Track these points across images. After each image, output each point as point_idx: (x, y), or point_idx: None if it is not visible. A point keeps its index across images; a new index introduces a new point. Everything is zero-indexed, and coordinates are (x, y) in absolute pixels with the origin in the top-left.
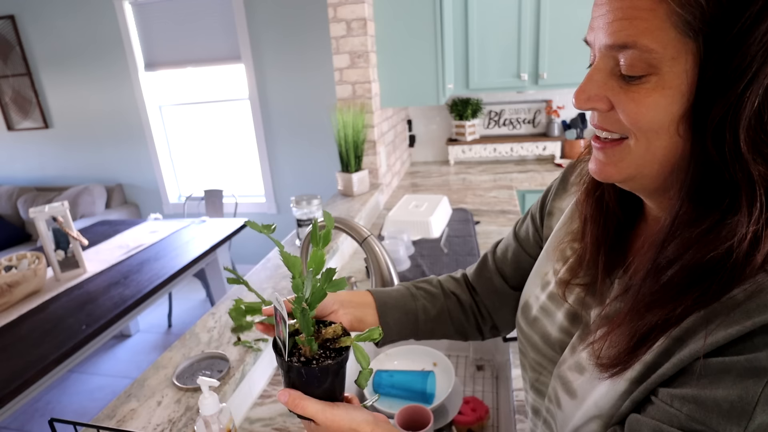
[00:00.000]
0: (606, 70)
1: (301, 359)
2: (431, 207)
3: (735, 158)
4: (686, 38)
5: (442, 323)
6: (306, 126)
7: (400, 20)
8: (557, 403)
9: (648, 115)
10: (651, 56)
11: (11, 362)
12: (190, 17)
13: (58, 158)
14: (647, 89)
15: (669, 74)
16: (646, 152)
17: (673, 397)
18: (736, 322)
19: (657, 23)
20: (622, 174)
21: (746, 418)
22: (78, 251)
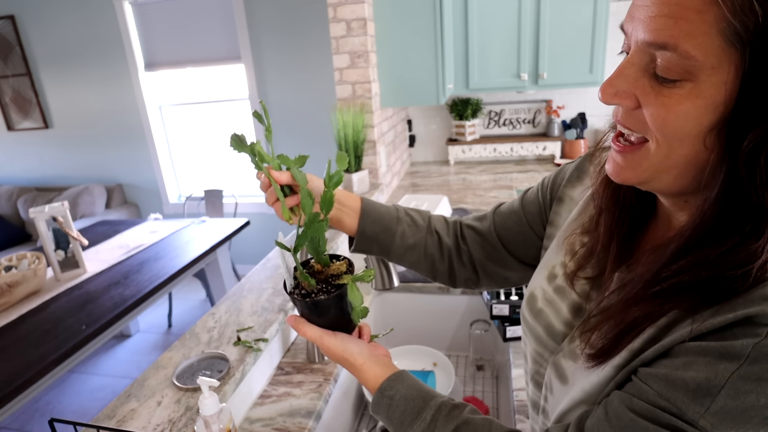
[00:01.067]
0: (639, 66)
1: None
2: (431, 207)
3: (766, 183)
4: (731, 48)
5: (415, 253)
6: (306, 126)
7: (400, 20)
8: (551, 390)
9: (676, 123)
10: (690, 63)
11: (11, 362)
12: (190, 17)
13: (58, 158)
14: (680, 96)
15: (706, 83)
16: (666, 159)
17: (647, 375)
18: (720, 314)
19: (703, 28)
20: (639, 178)
21: (710, 399)
22: (78, 251)
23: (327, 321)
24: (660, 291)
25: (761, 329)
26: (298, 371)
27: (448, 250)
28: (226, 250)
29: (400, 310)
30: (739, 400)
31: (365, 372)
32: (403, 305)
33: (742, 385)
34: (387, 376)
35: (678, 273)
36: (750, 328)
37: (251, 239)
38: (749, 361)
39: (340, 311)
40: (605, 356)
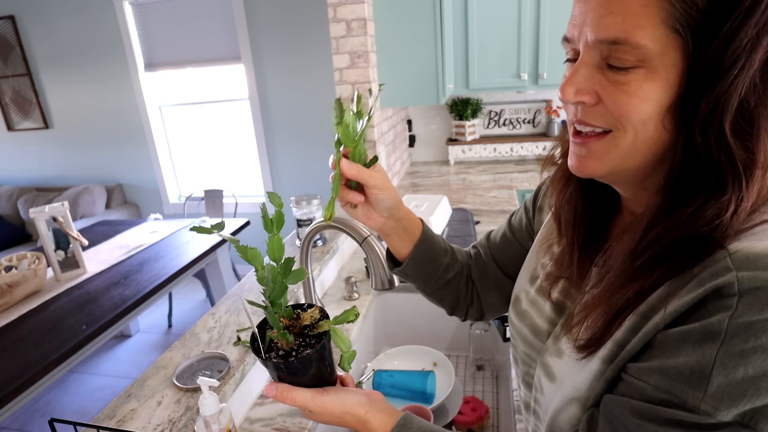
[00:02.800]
0: (592, 64)
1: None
2: (431, 207)
3: (720, 146)
4: (675, 34)
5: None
6: (306, 126)
7: (400, 20)
8: (541, 390)
9: (639, 106)
10: (641, 51)
11: (11, 362)
12: (190, 17)
13: (58, 158)
14: (638, 81)
15: (659, 67)
16: (632, 145)
17: (640, 371)
18: (690, 291)
19: (649, 20)
20: (605, 167)
21: (705, 382)
22: (78, 251)
23: (311, 378)
24: (642, 264)
25: (731, 300)
26: None
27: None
28: (226, 250)
29: (400, 310)
30: (730, 377)
31: (371, 422)
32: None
33: (729, 361)
34: (395, 422)
35: (656, 240)
36: (721, 300)
37: (251, 239)
38: (728, 336)
39: (323, 363)
40: (595, 345)
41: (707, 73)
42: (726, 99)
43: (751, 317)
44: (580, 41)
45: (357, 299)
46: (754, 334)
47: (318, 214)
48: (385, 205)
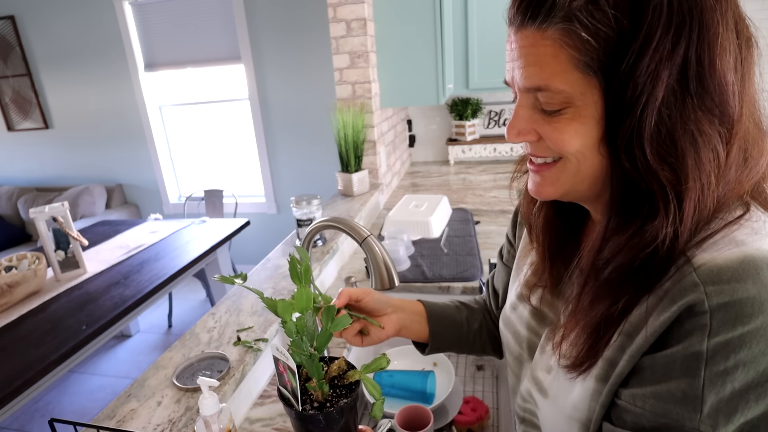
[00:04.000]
0: (528, 106)
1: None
2: (431, 207)
3: (646, 170)
4: (588, 76)
5: (482, 335)
6: (306, 126)
7: (400, 20)
8: (534, 404)
9: (572, 141)
10: (563, 95)
11: (11, 362)
12: (190, 17)
13: (58, 158)
14: (567, 119)
15: (582, 106)
16: (578, 171)
17: (635, 397)
18: (665, 309)
19: (562, 67)
20: (558, 192)
21: (699, 403)
22: (78, 251)
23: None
24: (607, 280)
25: (704, 318)
26: None
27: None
28: (226, 251)
29: None
30: (720, 395)
31: None
32: None
33: (716, 379)
34: None
35: (609, 261)
36: (695, 318)
37: (251, 239)
38: (710, 356)
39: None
40: (582, 365)
41: (616, 108)
42: (639, 129)
43: (726, 335)
44: (515, 87)
45: None
46: (733, 350)
47: (318, 214)
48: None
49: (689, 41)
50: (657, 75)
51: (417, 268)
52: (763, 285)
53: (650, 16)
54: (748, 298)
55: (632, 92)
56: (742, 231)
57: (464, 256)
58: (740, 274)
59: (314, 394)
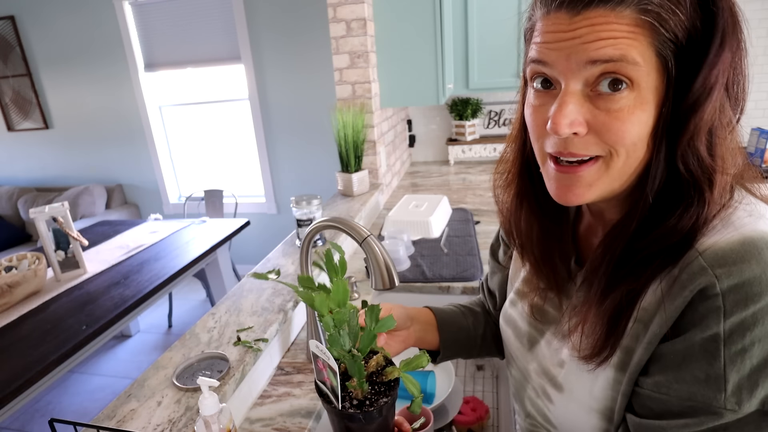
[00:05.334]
0: (577, 95)
1: (353, 402)
2: (431, 207)
3: (698, 161)
4: (660, 59)
5: (487, 338)
6: (306, 126)
7: (399, 20)
8: (548, 399)
9: (633, 130)
10: (635, 67)
11: (11, 363)
12: (190, 17)
13: (58, 159)
14: (629, 106)
15: (645, 89)
16: (623, 167)
17: (658, 385)
18: (678, 295)
19: (638, 41)
20: (595, 194)
21: (722, 382)
22: (78, 251)
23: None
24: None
25: (717, 300)
26: (298, 371)
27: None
28: (226, 250)
29: None
30: (741, 372)
31: None
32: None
33: (736, 358)
34: None
35: (643, 249)
36: (708, 301)
37: (251, 239)
38: (727, 336)
39: (391, 411)
40: (600, 355)
41: (694, 98)
42: (705, 121)
43: (740, 315)
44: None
45: (357, 299)
46: (748, 329)
47: (318, 214)
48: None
49: (738, 44)
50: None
51: (417, 268)
52: (766, 264)
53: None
54: (755, 277)
55: (702, 88)
56: (737, 214)
57: (464, 256)
58: (743, 256)
59: (353, 392)
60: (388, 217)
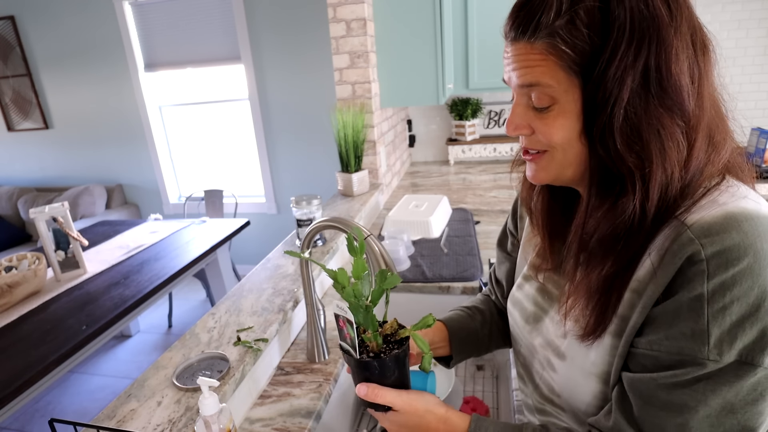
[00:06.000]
0: (523, 105)
1: (369, 354)
2: (431, 207)
3: (617, 156)
4: (571, 77)
5: (495, 336)
6: (306, 126)
7: (400, 20)
8: (552, 369)
9: (558, 134)
10: (551, 90)
11: (11, 363)
12: (190, 18)
13: (58, 159)
14: (554, 116)
15: (565, 102)
16: (564, 159)
17: (651, 343)
18: (669, 263)
19: (549, 68)
20: (550, 176)
21: (705, 336)
22: (78, 252)
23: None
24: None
25: (702, 265)
26: (298, 371)
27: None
28: (226, 250)
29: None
30: (722, 327)
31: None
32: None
33: (718, 314)
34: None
35: (592, 234)
36: (695, 266)
37: (251, 239)
38: (710, 296)
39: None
40: (594, 332)
41: (592, 106)
42: (609, 123)
43: (721, 277)
44: (512, 86)
45: None
46: (728, 288)
47: (318, 214)
48: None
49: (649, 52)
50: (622, 80)
51: (417, 268)
52: (744, 233)
53: (615, 34)
54: (734, 245)
55: (603, 93)
56: (722, 195)
57: (464, 256)
58: (725, 227)
59: (370, 345)
60: (388, 217)
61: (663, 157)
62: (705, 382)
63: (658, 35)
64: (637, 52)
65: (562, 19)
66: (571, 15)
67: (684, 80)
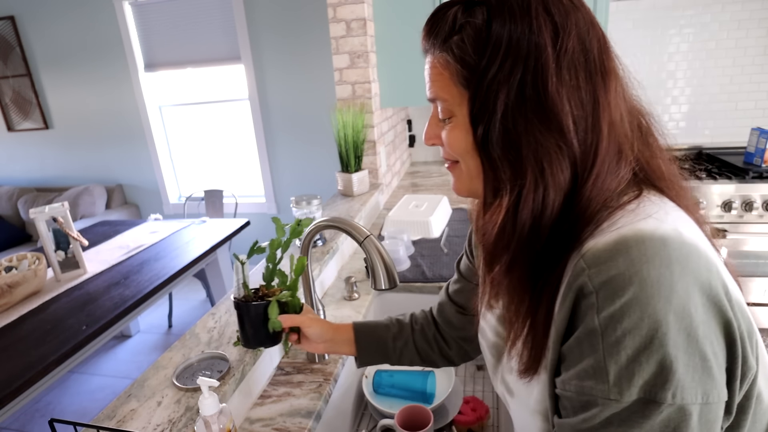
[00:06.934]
0: (435, 117)
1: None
2: (431, 207)
3: (497, 166)
4: (462, 90)
5: (408, 350)
6: (306, 126)
7: (400, 20)
8: (507, 404)
9: (457, 145)
10: (447, 104)
11: (12, 363)
12: (190, 18)
13: (58, 159)
14: (452, 128)
15: (460, 116)
16: (468, 170)
17: (563, 383)
18: (566, 297)
19: (446, 82)
20: (464, 187)
21: (605, 373)
22: (78, 252)
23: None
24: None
25: (591, 297)
26: (298, 371)
27: (434, 337)
28: (226, 251)
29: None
30: (619, 362)
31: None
32: (403, 305)
33: (612, 349)
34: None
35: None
36: (585, 299)
37: (251, 239)
38: (602, 329)
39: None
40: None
41: (471, 120)
42: (487, 135)
43: (609, 309)
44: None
45: (357, 299)
46: (618, 321)
47: (318, 214)
48: (316, 335)
49: (525, 71)
50: (497, 94)
51: (417, 268)
52: (631, 260)
53: (490, 51)
54: (619, 273)
55: (480, 106)
56: (625, 216)
57: None
58: (614, 254)
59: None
60: (388, 217)
61: (538, 173)
62: (617, 424)
63: (537, 57)
64: (511, 69)
65: (455, 36)
66: (461, 32)
67: (563, 104)
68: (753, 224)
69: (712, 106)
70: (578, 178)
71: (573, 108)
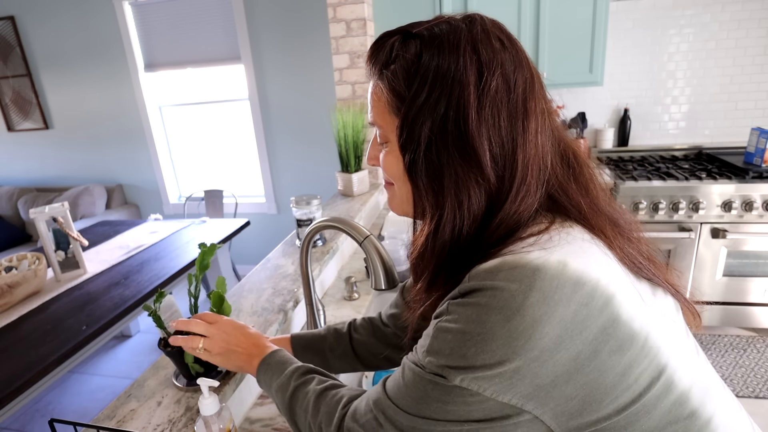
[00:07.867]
0: (376, 139)
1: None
2: None
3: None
4: (394, 118)
5: (347, 357)
6: (306, 126)
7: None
8: None
9: (390, 169)
10: (384, 130)
11: (11, 363)
12: (190, 18)
13: (58, 159)
14: (387, 152)
15: (393, 142)
16: (401, 193)
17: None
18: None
19: (382, 109)
20: (399, 207)
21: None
22: (78, 252)
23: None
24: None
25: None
26: None
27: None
28: (226, 251)
29: None
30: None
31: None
32: None
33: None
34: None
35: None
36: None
37: (251, 239)
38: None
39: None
40: None
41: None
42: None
43: (456, 299)
44: None
45: (357, 299)
46: (455, 311)
47: (318, 214)
48: None
49: (448, 105)
50: (421, 125)
51: None
52: (497, 278)
53: (417, 83)
54: (480, 283)
55: (407, 136)
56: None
57: None
58: (488, 273)
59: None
60: (388, 217)
61: (454, 204)
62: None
63: (459, 93)
64: (436, 102)
65: (391, 65)
66: (395, 62)
67: (482, 141)
68: (753, 224)
69: (712, 106)
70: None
71: (493, 145)
